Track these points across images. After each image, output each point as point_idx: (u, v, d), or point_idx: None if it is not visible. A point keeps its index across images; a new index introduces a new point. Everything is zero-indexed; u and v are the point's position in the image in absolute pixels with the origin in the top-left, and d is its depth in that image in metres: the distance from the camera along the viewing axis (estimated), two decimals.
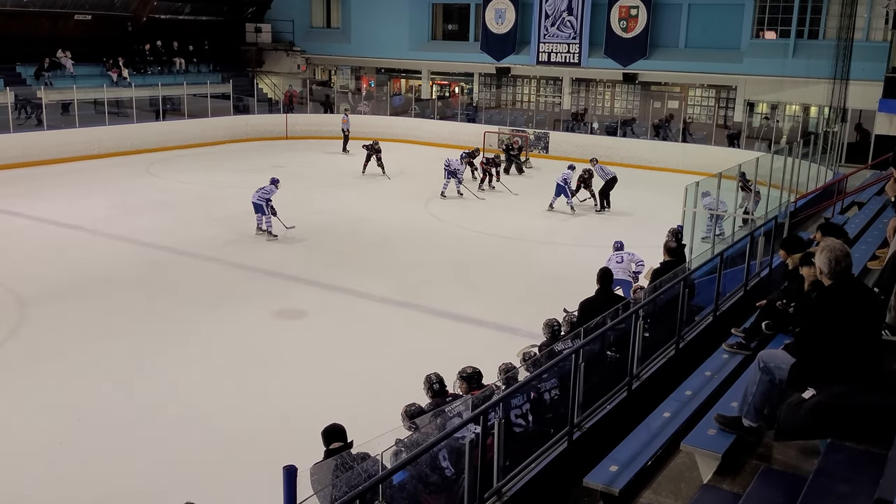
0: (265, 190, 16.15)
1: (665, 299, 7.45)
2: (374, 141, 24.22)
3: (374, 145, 23.71)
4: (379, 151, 23.51)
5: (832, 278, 4.43)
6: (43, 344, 10.78)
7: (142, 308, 12.24)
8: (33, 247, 15.32)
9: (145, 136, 26.33)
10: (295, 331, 11.60)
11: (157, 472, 7.70)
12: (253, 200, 16.18)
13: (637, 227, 17.14)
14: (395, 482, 4.97)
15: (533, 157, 27.09)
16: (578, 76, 30.39)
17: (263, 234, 16.16)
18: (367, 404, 8.53)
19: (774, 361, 4.75)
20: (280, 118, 30.65)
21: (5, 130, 23.06)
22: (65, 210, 17.97)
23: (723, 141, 25.90)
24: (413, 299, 12.86)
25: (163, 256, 14.88)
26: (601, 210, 19.48)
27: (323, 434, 5.75)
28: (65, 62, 28.02)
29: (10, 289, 12.75)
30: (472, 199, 20.58)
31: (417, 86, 34.82)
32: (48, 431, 8.46)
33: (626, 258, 11.77)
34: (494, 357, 7.46)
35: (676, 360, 7.30)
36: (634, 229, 16.81)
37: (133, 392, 9.41)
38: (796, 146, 17.48)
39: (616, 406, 6.44)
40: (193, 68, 32.06)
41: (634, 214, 19.13)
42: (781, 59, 25.26)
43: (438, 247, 16.17)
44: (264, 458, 7.29)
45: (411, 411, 6.21)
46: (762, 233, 9.69)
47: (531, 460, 5.53)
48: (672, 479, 5.06)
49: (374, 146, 23.66)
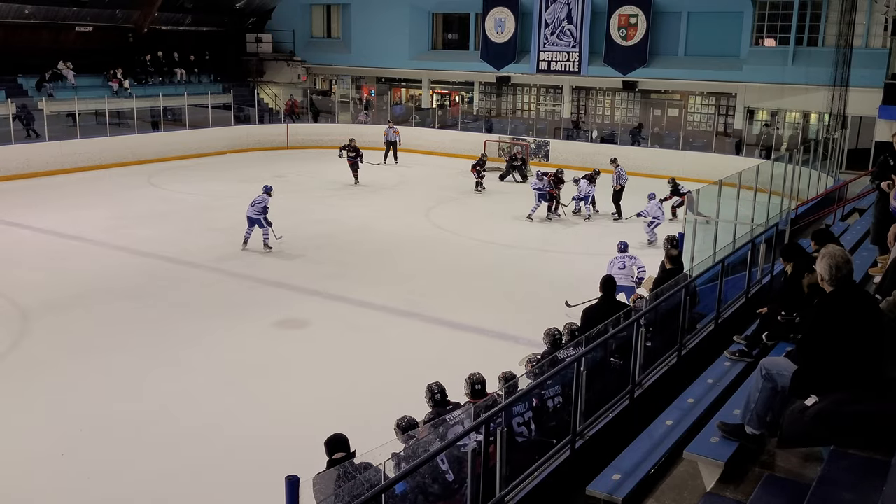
0: (259, 200, 15.85)
1: (667, 307, 7.45)
2: (350, 140, 24.00)
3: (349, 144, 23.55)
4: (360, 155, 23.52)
5: (833, 285, 4.43)
6: (45, 355, 10.77)
7: (143, 319, 12.24)
8: (35, 258, 15.33)
9: (146, 147, 26.40)
10: (297, 341, 11.59)
11: (158, 483, 7.69)
12: (248, 215, 15.88)
13: (637, 235, 17.15)
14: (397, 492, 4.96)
15: (533, 165, 27.11)
16: (578, 84, 30.47)
17: (249, 249, 15.85)
18: (369, 414, 8.52)
19: (777, 369, 4.75)
20: (281, 128, 30.72)
21: (7, 142, 23.12)
22: (66, 221, 18.00)
23: (723, 148, 25.96)
24: (414, 308, 12.85)
25: (164, 267, 14.88)
26: (618, 219, 19.50)
27: (326, 444, 5.74)
28: (66, 73, 28.12)
29: (12, 300, 12.76)
30: (478, 209, 20.63)
31: (418, 95, 34.91)
32: (50, 442, 8.45)
33: (629, 263, 11.79)
34: (495, 365, 7.44)
35: (679, 368, 7.30)
36: (634, 237, 16.83)
37: (135, 402, 9.40)
38: (796, 153, 17.49)
39: (618, 414, 6.43)
40: (194, 79, 32.17)
41: (634, 222, 19.13)
42: (781, 66, 25.30)
43: (439, 255, 16.18)
44: (266, 468, 7.27)
45: (403, 424, 6.20)
46: (763, 240, 9.69)
47: (534, 469, 5.52)
48: (675, 488, 5.05)
49: (349, 145, 23.52)
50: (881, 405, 4.25)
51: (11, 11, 26.24)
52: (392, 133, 27.59)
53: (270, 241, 16.02)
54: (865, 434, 4.22)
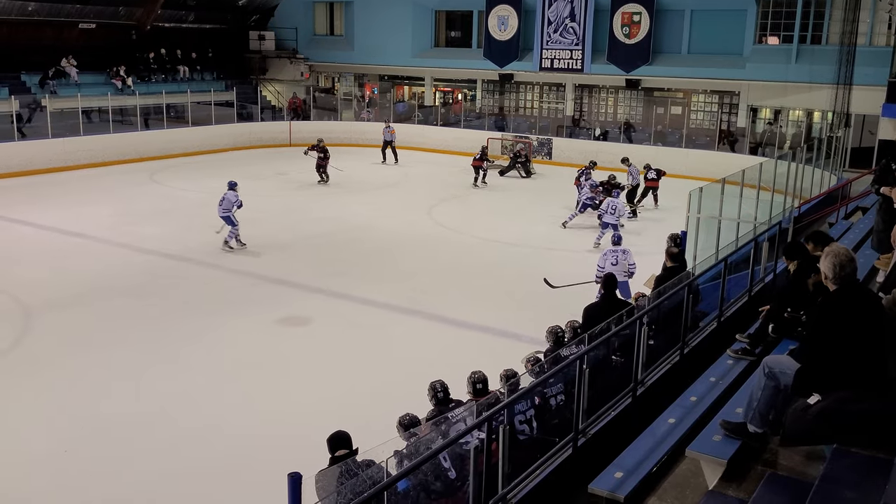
0: (227, 199, 15.61)
1: (669, 305, 7.44)
2: (318, 140, 23.67)
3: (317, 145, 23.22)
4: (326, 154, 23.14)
5: (837, 283, 4.42)
6: (47, 352, 10.78)
7: (145, 316, 12.24)
8: (37, 255, 15.34)
9: (149, 144, 26.41)
10: (299, 338, 11.59)
11: (161, 480, 7.69)
12: (220, 215, 15.67)
13: (640, 233, 17.13)
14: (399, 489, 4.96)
15: (536, 163, 27.10)
16: (581, 82, 30.44)
17: (230, 248, 15.66)
18: (371, 411, 8.51)
19: (780, 367, 4.74)
20: (284, 125, 30.73)
21: (10, 139, 23.12)
22: (68, 218, 18.01)
23: (726, 146, 25.94)
24: (416, 306, 12.85)
25: (166, 264, 14.89)
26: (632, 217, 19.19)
27: (328, 441, 5.74)
28: (69, 70, 28.12)
29: (14, 297, 12.77)
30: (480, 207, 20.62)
31: (421, 93, 34.88)
32: (53, 439, 8.46)
33: (621, 259, 11.81)
34: (498, 363, 7.43)
35: (681, 366, 7.29)
36: (637, 235, 16.81)
37: (136, 400, 9.41)
38: (800, 151, 17.46)
39: (621, 412, 6.42)
40: (197, 76, 32.17)
41: (637, 220, 19.12)
42: (784, 64, 25.25)
43: (441, 253, 16.16)
44: (268, 465, 7.28)
45: (406, 421, 6.20)
46: (766, 238, 9.67)
47: (536, 467, 5.52)
48: (677, 486, 5.05)
49: (317, 146, 23.19)
50: (884, 404, 4.24)
51: (15, 8, 26.25)
52: (388, 133, 27.47)
53: (232, 241, 15.66)
54: (868, 432, 4.22)
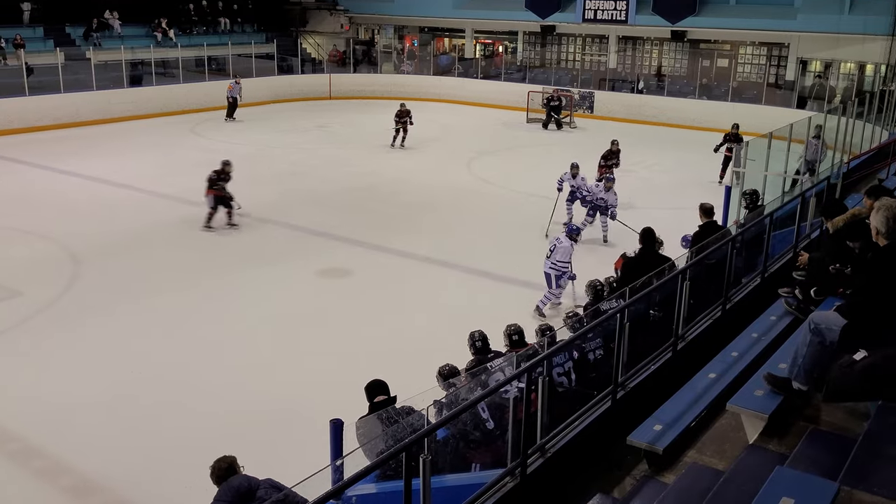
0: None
1: (710, 262, 7.33)
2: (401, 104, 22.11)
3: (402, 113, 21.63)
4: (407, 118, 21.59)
5: (889, 238, 4.31)
6: (96, 299, 11.04)
7: (188, 266, 12.47)
8: (84, 205, 15.64)
9: (190, 96, 26.56)
10: (339, 289, 11.72)
11: (205, 427, 7.88)
12: None
13: (682, 190, 16.88)
14: (438, 437, 5.02)
15: (578, 117, 26.73)
16: (625, 34, 29.79)
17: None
18: (410, 362, 8.59)
19: (826, 323, 4.66)
20: (324, 78, 30.63)
21: (56, 91, 23.44)
22: (114, 169, 18.29)
23: (774, 100, 25.24)
24: (455, 259, 12.87)
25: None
26: None
27: (366, 389, 5.80)
28: (112, 23, 28.30)
29: (64, 245, 13.08)
30: (520, 161, 20.43)
31: (461, 45, 34.46)
32: (105, 384, 8.71)
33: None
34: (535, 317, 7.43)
35: (723, 322, 7.21)
36: (680, 192, 16.58)
37: (186, 346, 9.64)
38: (850, 105, 16.95)
39: (661, 366, 6.39)
40: (238, 28, 32.14)
41: (680, 175, 18.82)
42: (837, 14, 24.36)
43: (480, 208, 16.12)
44: (310, 412, 7.42)
45: (445, 371, 6.25)
46: (813, 194, 9.46)
47: (575, 418, 5.54)
48: (716, 440, 5.03)
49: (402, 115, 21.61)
50: None
51: None
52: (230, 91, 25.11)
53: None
54: None
